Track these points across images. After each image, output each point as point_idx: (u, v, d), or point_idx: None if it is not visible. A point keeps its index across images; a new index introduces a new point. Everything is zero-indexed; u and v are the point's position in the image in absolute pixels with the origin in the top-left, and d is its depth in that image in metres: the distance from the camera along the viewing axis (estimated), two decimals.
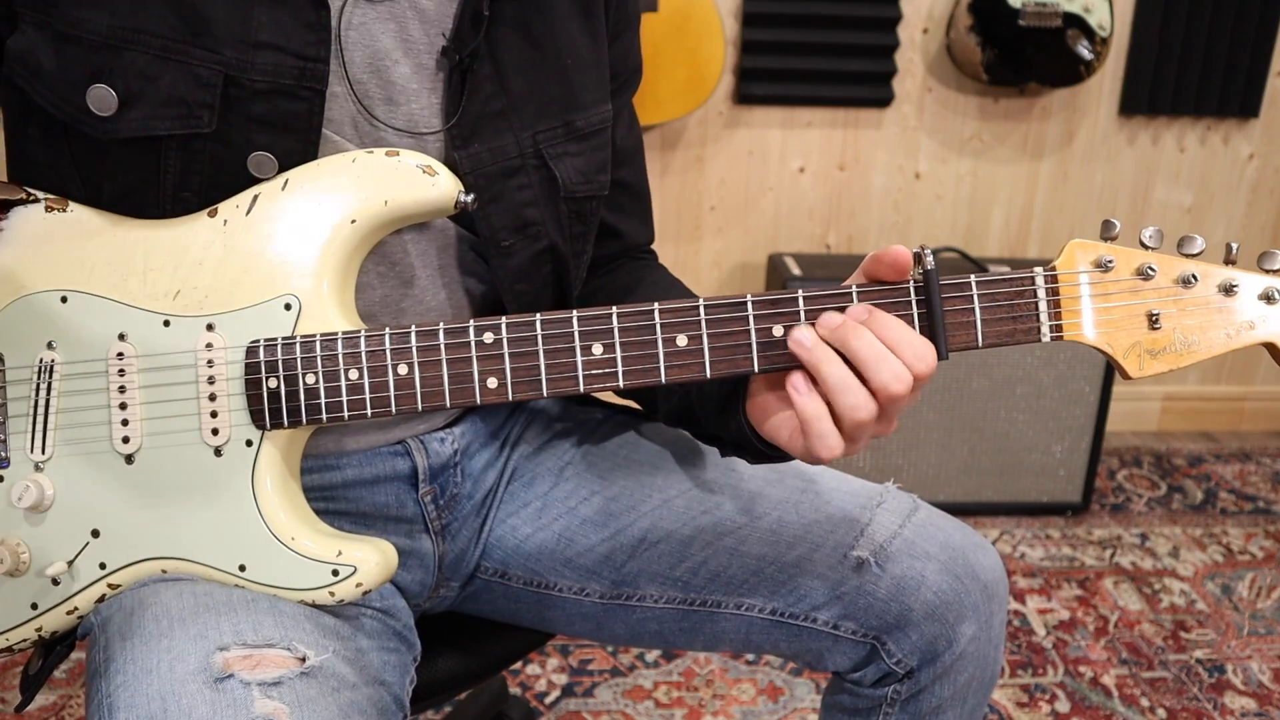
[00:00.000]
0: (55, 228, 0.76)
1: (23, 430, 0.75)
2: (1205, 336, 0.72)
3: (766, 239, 2.52)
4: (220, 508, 0.74)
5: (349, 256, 0.75)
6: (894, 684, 0.91)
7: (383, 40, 0.79)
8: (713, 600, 0.93)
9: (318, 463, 0.85)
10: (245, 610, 0.72)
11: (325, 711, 0.67)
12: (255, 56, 0.73)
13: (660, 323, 0.71)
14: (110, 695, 0.67)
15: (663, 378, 0.72)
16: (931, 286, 0.70)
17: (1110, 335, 0.72)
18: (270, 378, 0.73)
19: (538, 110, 0.84)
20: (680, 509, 0.93)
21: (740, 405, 0.78)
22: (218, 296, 0.74)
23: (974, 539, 0.93)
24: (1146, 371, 0.73)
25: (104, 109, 0.72)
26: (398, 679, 0.82)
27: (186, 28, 0.72)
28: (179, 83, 0.72)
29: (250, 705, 0.65)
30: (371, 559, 0.74)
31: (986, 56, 2.28)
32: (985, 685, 0.94)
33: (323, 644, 0.72)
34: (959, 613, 0.89)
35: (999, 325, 0.72)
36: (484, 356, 0.72)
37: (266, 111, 0.74)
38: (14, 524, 0.75)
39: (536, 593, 0.96)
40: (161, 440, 0.75)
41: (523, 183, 0.84)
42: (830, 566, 0.90)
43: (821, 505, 0.92)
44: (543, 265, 0.87)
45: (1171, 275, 0.72)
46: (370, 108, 0.79)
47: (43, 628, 0.77)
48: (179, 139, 0.73)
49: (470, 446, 0.94)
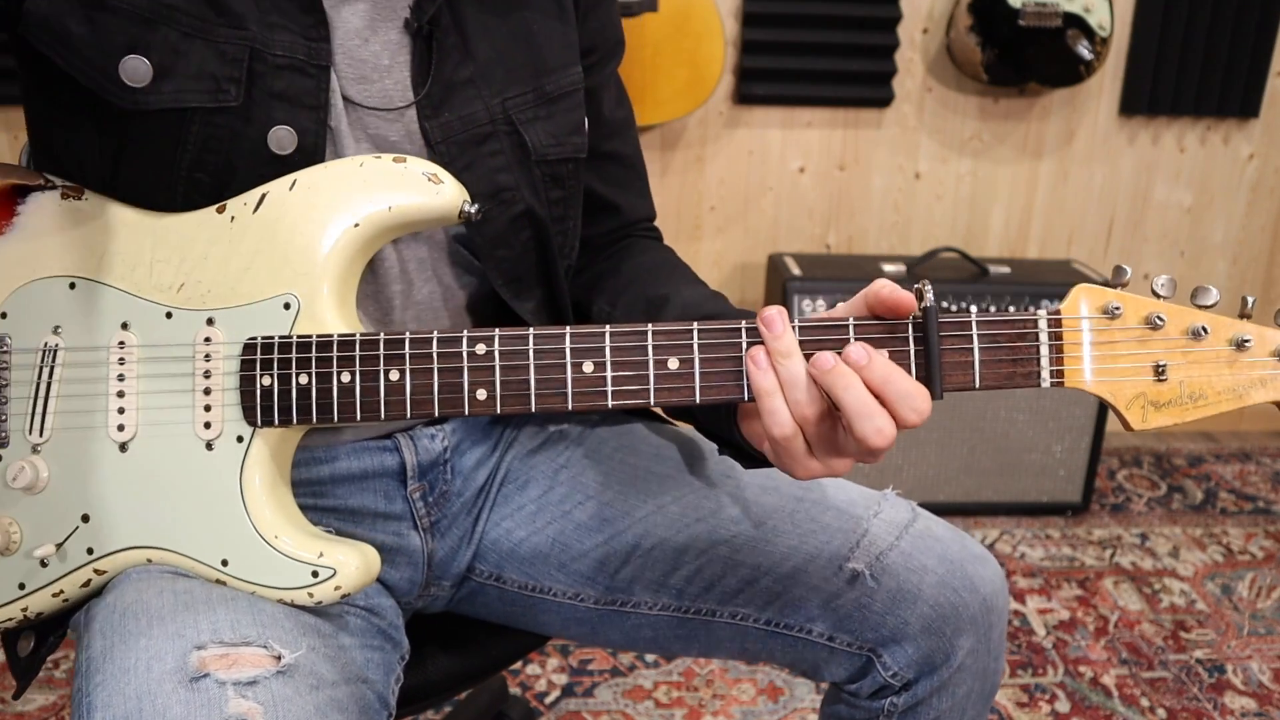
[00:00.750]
0: (69, 215, 0.78)
1: (22, 412, 0.76)
2: (1214, 390, 0.70)
3: (766, 239, 2.52)
4: (208, 501, 0.75)
5: (351, 260, 0.76)
6: (891, 696, 0.90)
7: (353, 21, 0.81)
8: (707, 609, 0.92)
9: (306, 455, 0.85)
10: (224, 608, 0.72)
11: (300, 711, 0.67)
12: (273, 34, 0.76)
13: (652, 344, 0.71)
14: (89, 694, 0.68)
15: (651, 399, 0.72)
16: (930, 324, 0.68)
17: (1114, 385, 0.70)
18: (264, 375, 0.73)
19: (506, 76, 0.86)
20: (675, 515, 0.92)
21: (734, 420, 0.77)
22: (220, 292, 0.75)
23: (973, 550, 0.92)
24: (1150, 425, 0.70)
25: (137, 80, 0.74)
26: (381, 677, 0.82)
27: (211, 10, 0.75)
28: (208, 59, 0.75)
29: (224, 705, 0.65)
30: (352, 563, 0.75)
31: (986, 56, 2.28)
32: (985, 696, 0.93)
33: (301, 642, 0.72)
34: (956, 626, 0.87)
35: (998, 368, 0.70)
36: (475, 368, 0.72)
37: (285, 87, 0.77)
38: (7, 503, 0.76)
39: (530, 597, 0.96)
40: (155, 431, 0.75)
41: (494, 149, 0.85)
42: (825, 579, 0.89)
43: (818, 515, 0.91)
44: (521, 230, 0.88)
45: (1181, 326, 0.70)
46: (344, 88, 0.80)
47: (29, 608, 0.77)
48: (204, 112, 0.75)
49: (461, 444, 0.93)
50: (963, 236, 2.56)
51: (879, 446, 0.66)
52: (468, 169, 0.84)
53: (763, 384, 0.68)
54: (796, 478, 0.71)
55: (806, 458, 0.69)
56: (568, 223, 0.92)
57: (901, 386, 0.66)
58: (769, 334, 0.68)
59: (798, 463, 0.70)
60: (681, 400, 0.72)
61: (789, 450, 0.69)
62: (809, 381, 0.67)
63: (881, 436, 0.66)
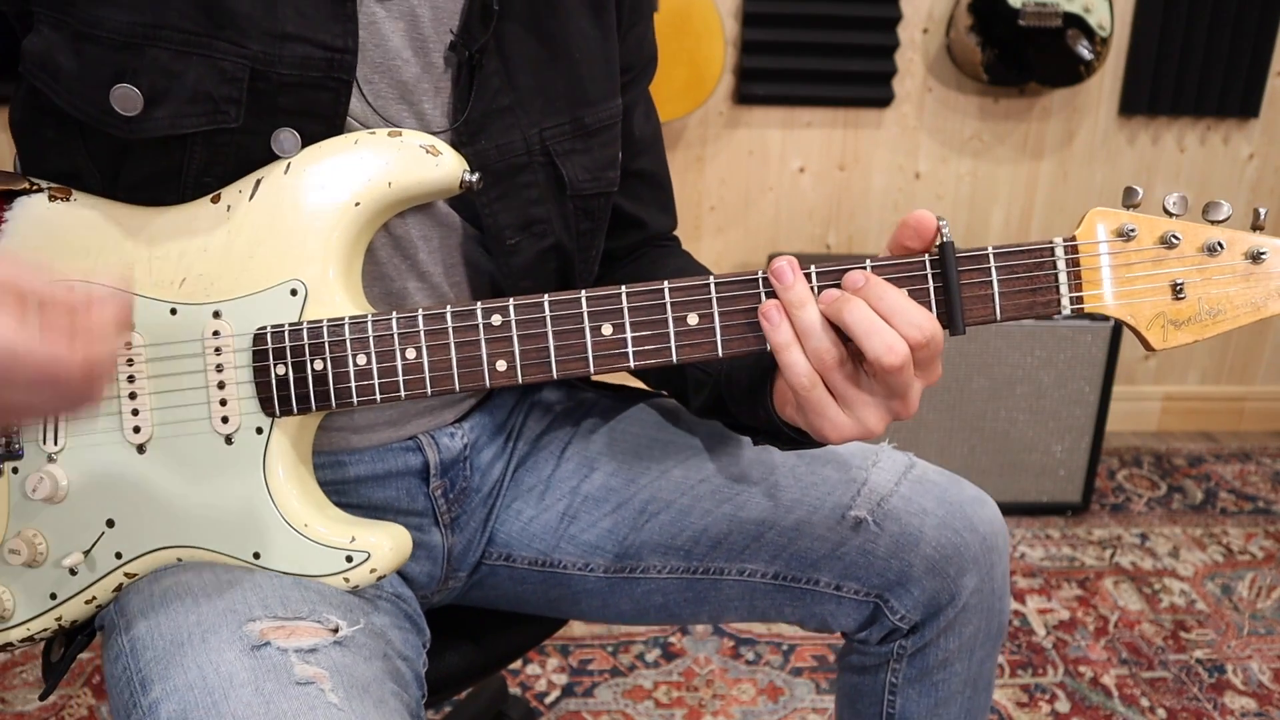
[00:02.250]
0: (59, 217, 0.76)
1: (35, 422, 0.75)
2: (1232, 305, 0.70)
3: (766, 239, 2.52)
4: (233, 496, 0.74)
5: (354, 240, 0.74)
6: (899, 639, 0.92)
7: (393, 40, 0.78)
8: (715, 567, 0.93)
9: (330, 459, 0.85)
10: (270, 586, 0.73)
11: (362, 678, 0.68)
12: (282, 49, 0.72)
13: (670, 301, 0.71)
14: (142, 670, 0.67)
15: (674, 357, 0.71)
16: (948, 259, 0.69)
17: (1133, 306, 0.70)
18: (278, 365, 0.73)
19: (545, 106, 0.84)
20: (679, 479, 0.94)
21: (768, 391, 0.78)
22: (223, 283, 0.74)
23: (971, 492, 0.93)
24: (1170, 343, 0.70)
25: (129, 109, 0.71)
26: (415, 656, 0.82)
27: (210, 21, 0.71)
28: (204, 78, 0.71)
29: (290, 669, 0.65)
30: (385, 544, 0.75)
31: (986, 56, 2.28)
32: (993, 636, 0.94)
33: (351, 616, 0.73)
34: (959, 566, 0.89)
35: (1017, 298, 0.70)
36: (492, 339, 0.71)
37: (293, 103, 0.74)
38: (30, 515, 0.76)
39: (542, 572, 0.97)
40: (172, 430, 0.74)
41: (529, 180, 0.84)
42: (829, 528, 0.90)
43: (818, 468, 0.93)
44: (548, 262, 0.87)
45: (1196, 243, 0.69)
46: (382, 108, 0.78)
47: (62, 617, 0.77)
48: (204, 134, 0.72)
49: (479, 440, 0.94)
50: (963, 236, 2.56)
51: (892, 364, 0.65)
52: (501, 199, 0.82)
53: (777, 338, 0.68)
54: (829, 440, 0.70)
55: (834, 411, 0.69)
56: (591, 252, 0.92)
57: (895, 302, 0.67)
58: (780, 285, 0.69)
59: (827, 420, 0.69)
60: (705, 355, 0.71)
61: (814, 404, 0.69)
62: (824, 327, 0.68)
63: (893, 354, 0.65)
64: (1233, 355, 2.73)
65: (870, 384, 0.69)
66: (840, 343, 0.68)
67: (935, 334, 0.67)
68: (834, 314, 0.67)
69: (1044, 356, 2.13)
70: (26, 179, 0.77)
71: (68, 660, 0.80)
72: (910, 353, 0.66)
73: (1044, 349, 2.13)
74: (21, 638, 0.78)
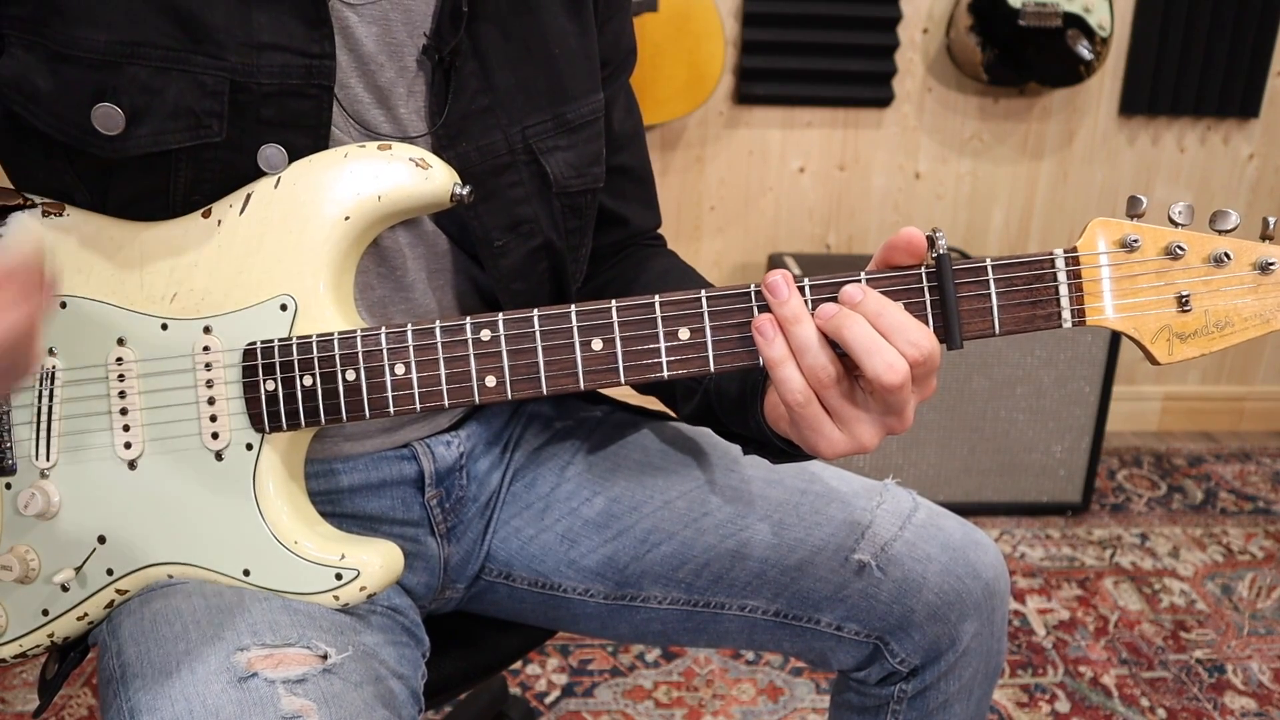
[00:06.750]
0: (52, 233, 0.75)
1: (27, 437, 0.75)
2: (1240, 317, 0.67)
3: (766, 239, 2.52)
4: (223, 512, 0.74)
5: (345, 254, 0.74)
6: (899, 682, 0.92)
7: (366, 44, 0.78)
8: (716, 602, 0.93)
9: (323, 467, 0.85)
10: (259, 610, 0.72)
11: (352, 706, 0.67)
12: (260, 59, 0.72)
13: (661, 315, 0.69)
14: (131, 699, 0.67)
15: (665, 372, 0.70)
16: (944, 272, 0.67)
17: (1137, 319, 0.68)
18: (268, 380, 0.72)
19: (526, 104, 0.83)
20: (682, 510, 0.92)
21: (757, 402, 0.77)
22: (214, 298, 0.73)
23: (974, 536, 0.93)
24: (1176, 356, 0.68)
25: (111, 128, 0.70)
26: (410, 672, 0.82)
27: (187, 36, 0.70)
28: (185, 93, 0.70)
29: (277, 702, 0.65)
30: (375, 562, 0.74)
31: (986, 56, 2.28)
32: (990, 676, 0.95)
33: (340, 640, 0.72)
34: (961, 612, 0.89)
35: (1017, 311, 0.68)
36: (481, 354, 0.71)
37: (275, 113, 0.73)
38: (22, 531, 0.75)
39: (541, 594, 0.96)
40: (163, 446, 0.74)
41: (514, 180, 0.83)
42: (832, 570, 0.90)
43: (822, 507, 0.92)
44: (538, 262, 0.86)
45: (1202, 254, 0.67)
46: (359, 114, 0.78)
47: (55, 633, 0.77)
48: (189, 150, 0.72)
49: (475, 449, 0.93)
50: (963, 236, 2.56)
51: (893, 383, 0.64)
52: (486, 200, 0.82)
53: (771, 353, 0.67)
54: (822, 455, 0.69)
55: (829, 428, 0.68)
56: (581, 250, 0.91)
57: (894, 319, 0.65)
58: (774, 300, 0.67)
59: (820, 435, 0.68)
60: (696, 370, 0.70)
61: (809, 420, 0.67)
62: (821, 343, 0.66)
63: (894, 373, 0.63)
64: (1233, 355, 2.73)
65: (866, 400, 0.67)
66: (837, 359, 0.66)
67: (933, 351, 0.65)
68: (832, 330, 0.66)
69: (1044, 356, 2.13)
70: (20, 194, 0.76)
71: (61, 677, 0.80)
72: (910, 370, 0.65)
73: (1044, 349, 2.13)
74: (14, 654, 0.78)
